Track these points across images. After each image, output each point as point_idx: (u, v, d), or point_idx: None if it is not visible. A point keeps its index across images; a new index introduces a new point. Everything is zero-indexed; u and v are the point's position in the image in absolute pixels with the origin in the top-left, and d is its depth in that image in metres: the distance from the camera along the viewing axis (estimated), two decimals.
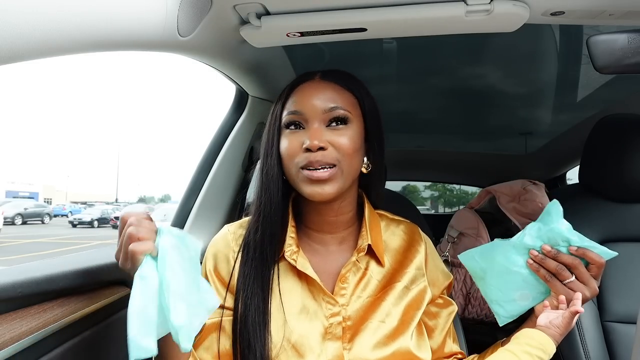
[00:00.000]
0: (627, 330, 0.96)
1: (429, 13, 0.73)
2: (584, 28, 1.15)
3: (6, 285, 0.56)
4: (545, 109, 1.85)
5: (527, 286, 0.71)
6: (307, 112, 0.69)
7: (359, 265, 0.73)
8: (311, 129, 0.68)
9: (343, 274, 0.71)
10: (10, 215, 19.00)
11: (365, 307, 0.70)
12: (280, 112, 0.72)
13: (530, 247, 0.70)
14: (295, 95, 0.71)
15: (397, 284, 0.73)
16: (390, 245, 0.77)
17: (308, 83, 0.72)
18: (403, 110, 1.97)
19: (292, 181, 0.70)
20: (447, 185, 5.11)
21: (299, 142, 0.68)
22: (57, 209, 31.52)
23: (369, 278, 0.72)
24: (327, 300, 0.69)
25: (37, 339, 0.57)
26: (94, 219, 20.21)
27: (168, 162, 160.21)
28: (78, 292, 0.69)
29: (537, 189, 1.20)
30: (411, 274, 0.75)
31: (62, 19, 0.47)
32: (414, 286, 0.74)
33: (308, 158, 0.66)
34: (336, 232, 0.75)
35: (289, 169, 0.69)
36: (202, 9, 0.71)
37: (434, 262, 0.79)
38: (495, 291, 0.73)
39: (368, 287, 0.72)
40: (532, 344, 0.65)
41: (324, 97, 0.69)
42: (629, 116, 1.01)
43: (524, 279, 0.71)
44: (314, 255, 0.73)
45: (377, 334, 0.68)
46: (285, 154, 0.69)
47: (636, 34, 0.63)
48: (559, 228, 0.68)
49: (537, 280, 0.70)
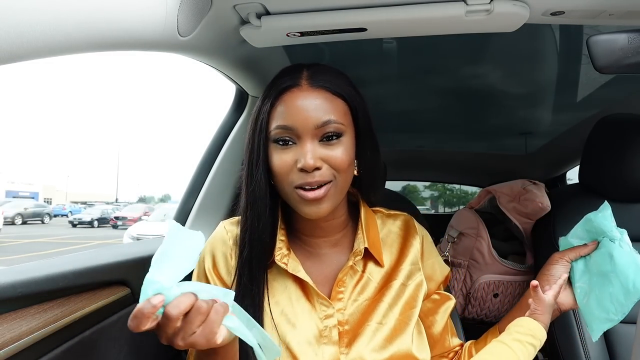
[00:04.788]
0: (627, 330, 0.96)
1: (429, 13, 0.73)
2: (584, 28, 1.15)
3: (6, 285, 0.56)
4: (545, 109, 1.85)
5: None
6: (298, 128, 0.63)
7: (356, 268, 0.72)
8: (304, 147, 0.63)
9: (340, 279, 0.70)
10: (10, 215, 19.01)
11: (362, 310, 0.69)
12: (266, 121, 0.66)
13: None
14: (284, 105, 0.65)
15: (394, 282, 0.72)
16: (387, 242, 0.76)
17: (296, 90, 0.66)
18: (403, 110, 1.97)
19: (285, 197, 0.67)
20: (447, 185, 5.11)
21: (291, 159, 0.64)
22: (57, 209, 31.55)
23: (366, 280, 0.72)
24: (320, 302, 0.68)
25: (37, 339, 0.57)
26: (94, 219, 20.21)
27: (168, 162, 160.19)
28: (78, 292, 0.69)
29: (537, 189, 1.20)
30: (407, 270, 0.74)
31: (61, 19, 0.47)
32: (410, 282, 0.73)
33: (304, 179, 0.63)
34: (329, 235, 0.74)
35: (282, 186, 0.66)
36: (202, 9, 0.71)
37: (430, 255, 0.78)
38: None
39: (366, 290, 0.71)
40: (521, 331, 0.68)
41: (315, 109, 0.64)
42: (629, 116, 1.01)
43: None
44: (307, 259, 0.72)
45: (375, 336, 0.67)
46: (278, 171, 0.65)
47: (636, 34, 0.63)
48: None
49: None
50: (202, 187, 1.16)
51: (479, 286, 1.25)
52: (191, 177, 1.18)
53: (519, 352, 0.66)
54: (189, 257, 0.53)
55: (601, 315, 0.72)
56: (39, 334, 0.57)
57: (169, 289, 0.49)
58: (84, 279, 0.69)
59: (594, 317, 0.73)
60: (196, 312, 0.49)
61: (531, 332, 0.68)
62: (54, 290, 0.63)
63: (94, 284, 0.73)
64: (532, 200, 1.16)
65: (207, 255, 0.74)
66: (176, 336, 0.50)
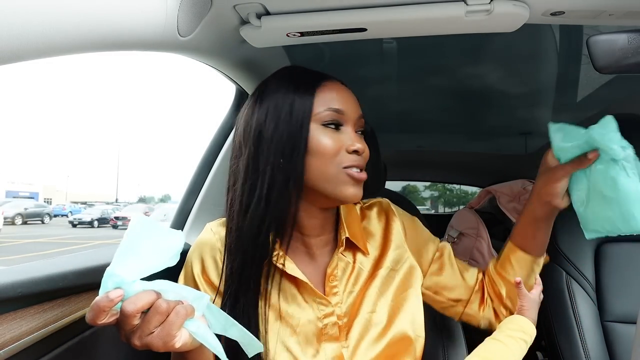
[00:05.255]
0: (627, 330, 0.96)
1: (429, 13, 0.73)
2: (584, 28, 1.15)
3: (6, 285, 0.56)
4: (545, 109, 1.85)
5: None
6: (348, 113, 0.68)
7: (346, 259, 0.72)
8: (351, 132, 0.68)
9: (330, 273, 0.70)
10: (10, 215, 19.01)
11: (355, 300, 0.70)
12: (310, 105, 0.66)
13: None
14: (332, 91, 0.68)
15: (381, 270, 0.73)
16: (370, 231, 0.77)
17: (336, 83, 0.70)
18: (403, 110, 1.97)
19: (324, 180, 0.65)
20: (447, 185, 5.12)
21: (340, 142, 0.66)
22: (57, 209, 31.54)
23: (358, 270, 0.72)
24: (318, 302, 0.68)
25: (37, 339, 0.57)
26: (94, 219, 20.21)
27: (168, 162, 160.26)
28: (78, 292, 0.69)
29: None
30: (393, 255, 0.75)
31: (61, 19, 0.47)
32: (399, 266, 0.75)
33: (355, 160, 0.66)
34: (324, 234, 0.74)
35: (327, 168, 0.64)
36: (202, 9, 0.71)
37: (414, 233, 0.80)
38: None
39: (359, 280, 0.72)
40: (512, 327, 0.72)
41: (356, 103, 0.71)
42: (629, 116, 1.01)
43: None
44: (301, 258, 0.72)
45: (370, 325, 0.68)
46: (329, 152, 0.65)
47: (636, 34, 0.63)
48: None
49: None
50: (202, 187, 1.15)
51: None
52: (191, 177, 1.18)
53: (513, 347, 0.70)
54: (161, 255, 0.50)
55: (596, 227, 0.67)
56: (39, 334, 0.57)
57: (129, 283, 0.46)
58: (84, 279, 0.69)
59: (588, 225, 0.68)
60: (154, 312, 0.47)
61: (522, 329, 0.72)
62: (54, 290, 0.63)
63: (94, 284, 0.73)
64: None
65: (195, 260, 0.72)
66: (133, 334, 0.48)
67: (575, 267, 1.01)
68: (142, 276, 0.48)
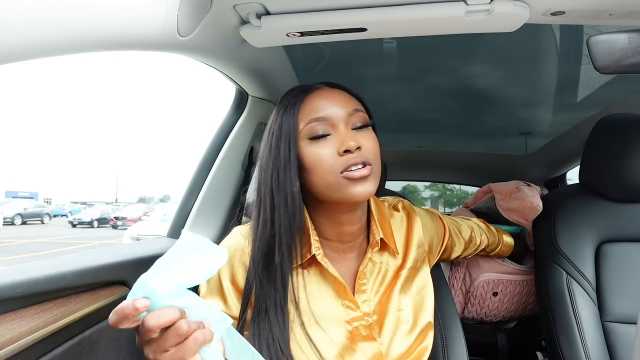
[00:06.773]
0: (627, 331, 0.96)
1: (429, 13, 0.73)
2: (584, 28, 1.15)
3: (6, 285, 0.56)
4: (545, 109, 1.85)
5: None
6: (332, 117, 0.66)
7: (374, 260, 0.74)
8: (341, 133, 0.65)
9: (361, 271, 0.72)
10: (10, 215, 18.98)
11: (381, 299, 0.72)
12: (294, 123, 0.66)
13: None
14: (312, 102, 0.68)
15: (404, 271, 0.76)
16: (396, 229, 0.79)
17: (320, 91, 0.69)
18: (403, 110, 1.97)
19: (327, 191, 0.65)
20: (447, 185, 5.11)
21: (330, 149, 0.65)
22: (57, 209, 31.51)
23: (385, 271, 0.74)
24: (347, 305, 0.69)
25: (37, 339, 0.57)
26: (93, 219, 20.18)
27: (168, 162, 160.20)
28: (78, 292, 0.69)
29: (529, 190, 1.20)
30: (415, 254, 0.78)
31: (61, 19, 0.47)
32: (419, 264, 0.78)
33: (348, 160, 0.63)
34: (353, 240, 0.73)
35: (324, 180, 0.65)
36: (202, 9, 0.71)
37: (428, 229, 0.84)
38: None
39: (385, 281, 0.73)
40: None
41: (343, 101, 0.68)
42: (629, 116, 1.01)
43: None
44: (333, 263, 0.72)
45: (400, 322, 0.71)
46: (319, 163, 0.64)
47: (636, 34, 0.63)
48: None
49: None
50: (202, 187, 1.15)
51: (479, 284, 1.25)
52: (191, 177, 1.18)
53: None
54: (199, 271, 0.50)
55: None
56: (39, 334, 0.57)
57: (159, 297, 0.46)
58: (84, 279, 0.69)
59: None
60: (174, 332, 0.46)
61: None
62: (54, 290, 0.63)
63: (93, 284, 0.73)
64: (522, 199, 1.17)
65: (224, 267, 0.70)
66: (148, 346, 0.48)
67: (575, 267, 1.01)
68: (173, 292, 0.48)
